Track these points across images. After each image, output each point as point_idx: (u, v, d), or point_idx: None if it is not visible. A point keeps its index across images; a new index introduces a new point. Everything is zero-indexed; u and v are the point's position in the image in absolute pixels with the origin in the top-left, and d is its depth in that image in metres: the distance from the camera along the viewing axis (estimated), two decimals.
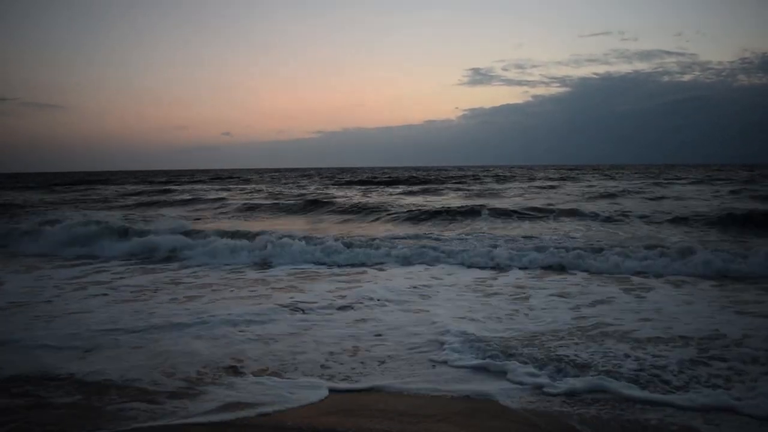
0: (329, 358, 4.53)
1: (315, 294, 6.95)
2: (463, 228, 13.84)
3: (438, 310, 6.00)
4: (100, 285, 7.74)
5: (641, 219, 14.15)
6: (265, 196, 26.74)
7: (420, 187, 31.81)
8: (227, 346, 4.86)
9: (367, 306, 6.24)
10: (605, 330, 5.13)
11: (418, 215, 16.10)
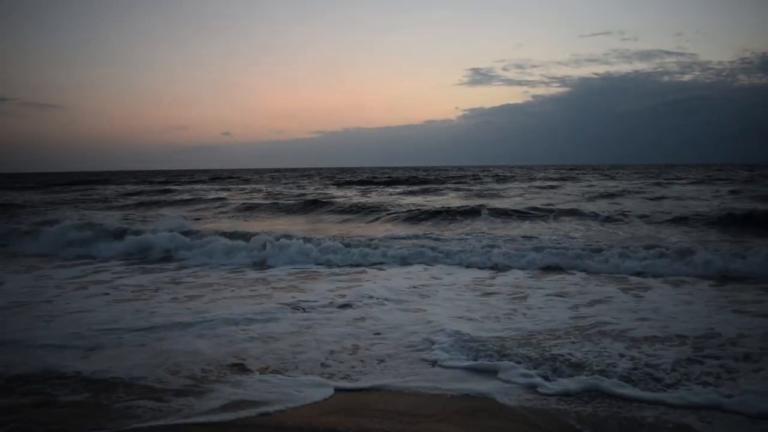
0: (330, 357, 4.56)
1: (315, 293, 6.97)
2: (463, 228, 13.85)
3: (436, 309, 6.03)
4: (100, 284, 7.76)
5: (641, 219, 14.16)
6: (265, 196, 26.74)
7: (420, 187, 31.82)
8: (230, 344, 4.88)
9: (367, 305, 6.26)
10: (602, 329, 5.16)
11: (417, 215, 16.12)
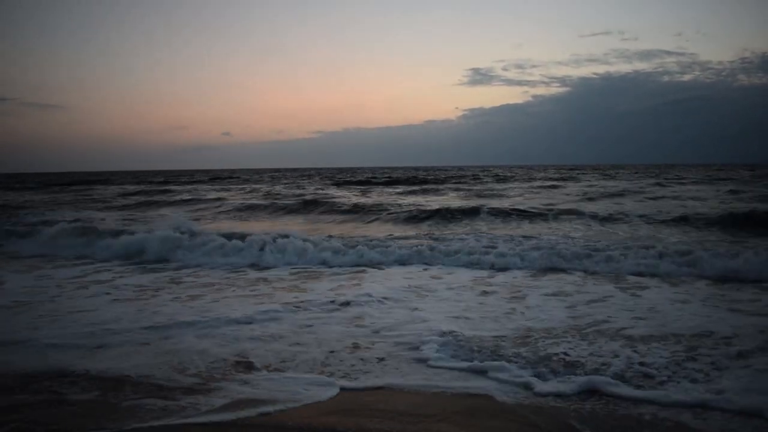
0: (330, 356, 4.58)
1: (316, 293, 6.99)
2: (463, 228, 13.88)
3: (435, 309, 6.06)
4: (101, 284, 7.79)
5: (641, 219, 14.16)
6: (265, 196, 26.75)
7: (420, 187, 31.84)
8: (235, 343, 4.91)
9: (367, 305, 6.28)
10: (599, 328, 5.20)
11: (417, 215, 16.14)
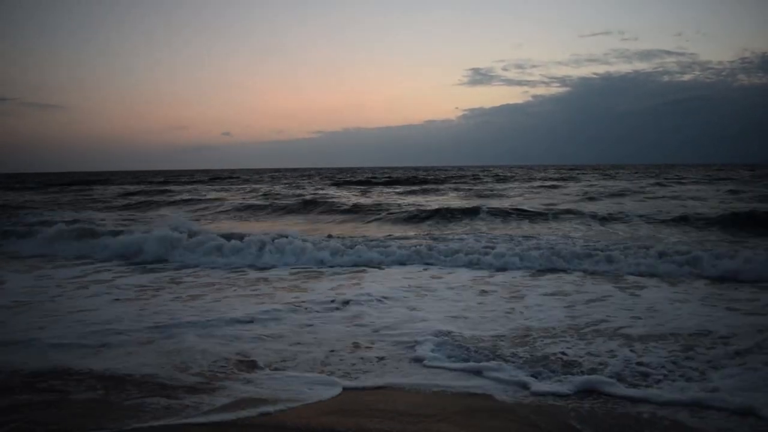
0: (330, 355, 4.60)
1: (316, 293, 7.01)
2: (463, 228, 13.89)
3: (435, 309, 6.08)
4: (101, 284, 7.81)
5: (641, 219, 14.18)
6: (265, 196, 26.76)
7: (420, 187, 31.86)
8: (237, 343, 4.93)
9: (367, 305, 6.30)
10: (598, 328, 5.22)
11: (417, 215, 16.15)
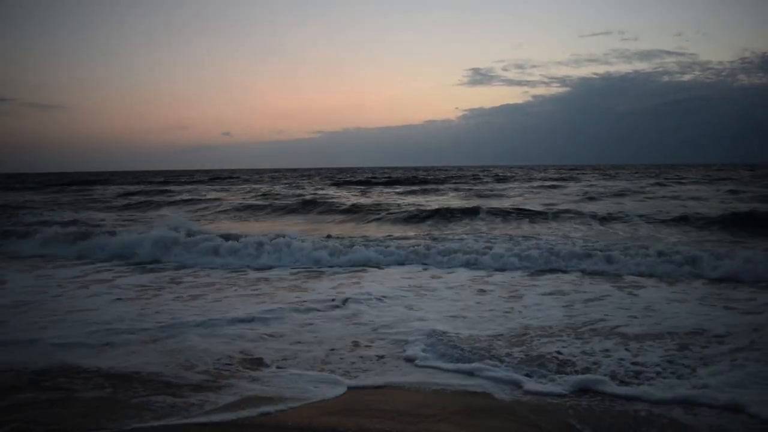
0: (331, 355, 4.63)
1: (317, 293, 7.04)
2: (462, 228, 13.91)
3: (434, 308, 6.11)
4: (101, 284, 7.82)
5: (641, 219, 14.19)
6: (265, 196, 26.78)
7: (420, 187, 31.89)
8: (239, 342, 4.96)
9: (366, 304, 6.32)
10: (595, 327, 5.25)
11: (417, 215, 16.16)
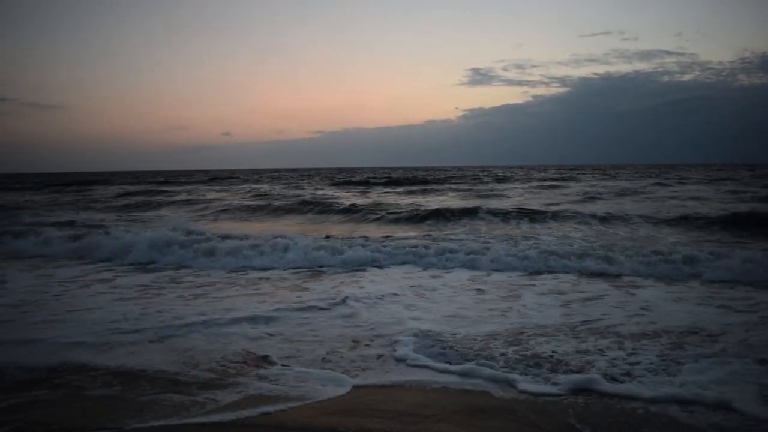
0: (331, 354, 4.65)
1: (317, 292, 7.07)
2: (462, 228, 13.91)
3: (433, 308, 6.14)
4: (102, 283, 7.84)
5: (640, 219, 14.19)
6: (265, 196, 26.78)
7: (419, 187, 31.91)
8: (243, 341, 4.99)
9: (366, 304, 6.35)
10: (592, 326, 5.28)
11: (417, 215, 16.16)
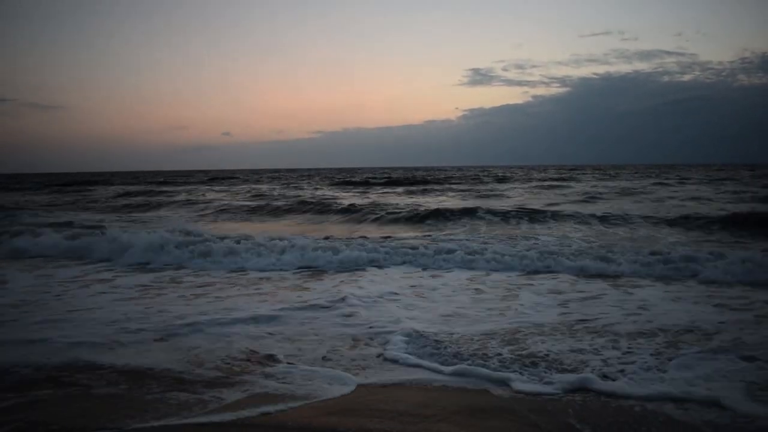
0: (331, 354, 4.67)
1: (317, 292, 7.09)
2: (461, 228, 13.92)
3: (431, 308, 6.17)
4: (103, 283, 7.85)
5: (641, 219, 14.20)
6: (264, 196, 26.78)
7: (419, 188, 31.94)
8: (246, 340, 5.01)
9: (365, 304, 6.36)
10: (588, 326, 5.31)
11: (417, 215, 16.17)
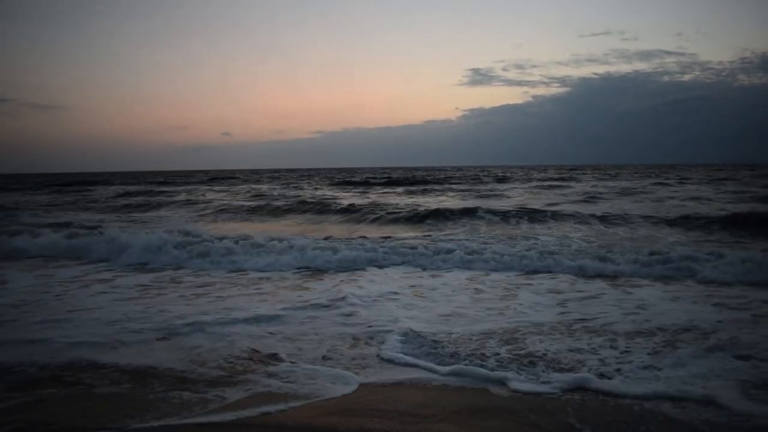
0: (332, 353, 4.69)
1: (318, 292, 7.11)
2: (461, 228, 13.93)
3: (431, 308, 6.18)
4: (103, 283, 7.86)
5: (640, 219, 14.21)
6: (264, 196, 26.78)
7: (419, 188, 31.95)
8: (248, 339, 5.03)
9: (365, 304, 6.36)
10: (586, 325, 5.32)
11: (416, 215, 16.17)
